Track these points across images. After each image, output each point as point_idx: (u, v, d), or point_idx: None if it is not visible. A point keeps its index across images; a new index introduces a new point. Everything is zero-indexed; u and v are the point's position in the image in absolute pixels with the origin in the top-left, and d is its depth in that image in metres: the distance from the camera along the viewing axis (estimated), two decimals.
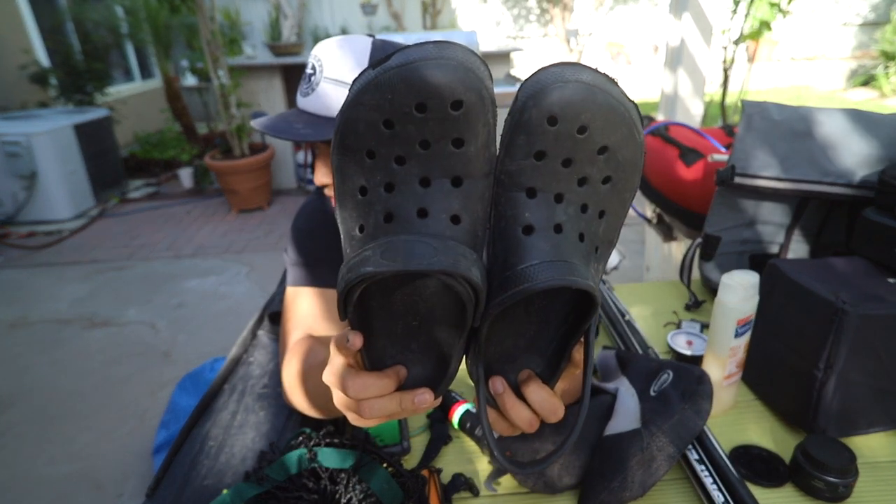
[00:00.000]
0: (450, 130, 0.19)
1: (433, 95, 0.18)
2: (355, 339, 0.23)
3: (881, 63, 4.27)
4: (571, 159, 0.20)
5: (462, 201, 0.20)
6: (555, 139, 0.20)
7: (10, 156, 2.35)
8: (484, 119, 0.20)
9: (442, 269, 0.19)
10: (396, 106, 0.19)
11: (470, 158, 0.20)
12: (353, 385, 0.24)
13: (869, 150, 0.58)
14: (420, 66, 0.18)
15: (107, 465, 1.16)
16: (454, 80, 0.18)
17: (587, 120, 0.20)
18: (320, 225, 0.57)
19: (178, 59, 3.30)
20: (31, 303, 1.87)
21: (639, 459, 0.38)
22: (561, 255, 0.21)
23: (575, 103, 0.19)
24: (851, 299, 0.42)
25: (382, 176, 0.20)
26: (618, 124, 0.20)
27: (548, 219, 0.21)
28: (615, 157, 0.21)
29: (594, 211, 0.22)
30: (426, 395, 0.24)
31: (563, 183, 0.21)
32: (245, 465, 0.45)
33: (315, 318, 0.51)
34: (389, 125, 0.19)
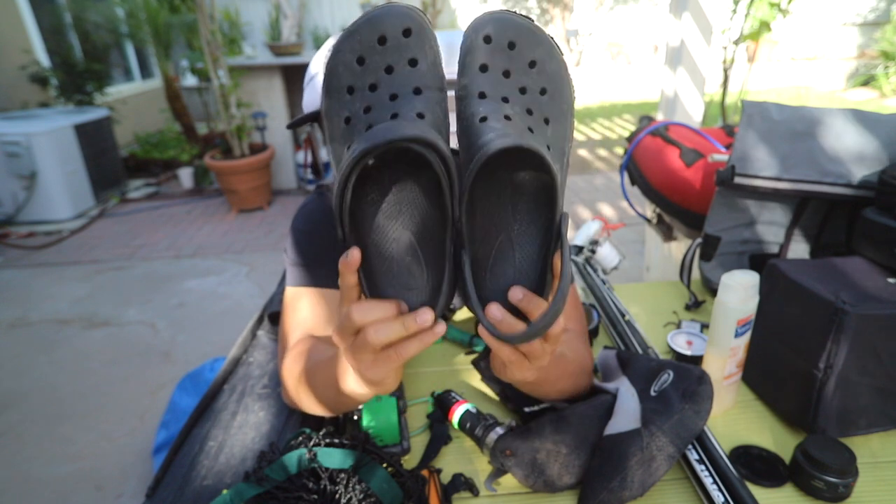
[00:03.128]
0: (405, 53, 0.25)
1: (389, 28, 0.25)
2: (353, 252, 0.26)
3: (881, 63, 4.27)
4: (509, 70, 0.26)
5: (424, 104, 0.26)
6: (491, 53, 0.26)
7: (10, 156, 2.35)
8: (429, 43, 0.26)
9: (413, 136, 0.23)
10: (364, 43, 0.25)
11: (424, 73, 0.26)
12: (358, 309, 0.26)
13: (869, 151, 0.58)
14: (377, 12, 0.25)
15: (106, 466, 1.16)
16: (401, 15, 0.25)
17: (513, 36, 0.26)
18: (320, 225, 0.57)
19: (178, 59, 3.30)
20: (31, 303, 1.87)
21: (639, 459, 0.38)
22: (514, 130, 0.25)
23: (502, 24, 0.26)
24: (851, 299, 0.42)
25: (361, 102, 0.26)
26: (538, 41, 0.26)
27: (498, 111, 0.26)
28: (544, 70, 0.27)
29: (539, 115, 0.27)
30: (427, 314, 0.26)
31: (507, 90, 0.27)
32: (245, 466, 0.45)
33: (315, 319, 0.51)
34: (361, 61, 0.25)
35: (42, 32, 3.06)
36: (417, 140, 0.23)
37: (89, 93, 2.99)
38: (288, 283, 0.54)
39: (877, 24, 4.72)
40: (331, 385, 0.37)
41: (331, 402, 0.42)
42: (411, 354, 0.28)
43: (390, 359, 0.27)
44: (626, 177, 0.95)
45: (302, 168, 2.84)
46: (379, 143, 0.22)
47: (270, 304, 0.72)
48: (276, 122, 2.71)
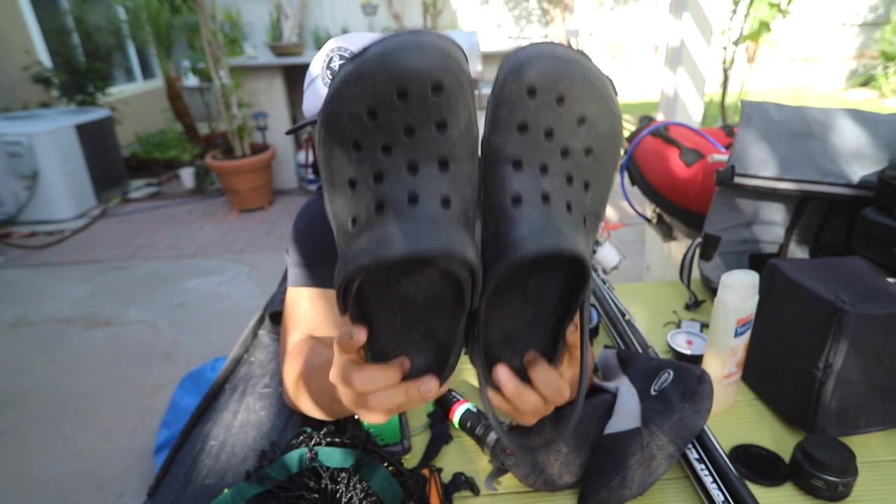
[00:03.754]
0: (432, 114, 0.19)
1: (413, 81, 0.18)
2: (359, 335, 0.23)
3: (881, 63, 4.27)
4: (553, 130, 0.21)
5: (450, 184, 0.21)
6: (535, 111, 0.21)
7: (11, 156, 2.35)
8: (464, 101, 0.20)
9: (438, 252, 0.19)
10: (379, 95, 0.19)
11: (454, 141, 0.20)
12: (359, 379, 0.24)
13: (868, 150, 0.58)
14: (398, 54, 0.18)
15: (108, 465, 1.16)
16: (432, 65, 0.19)
17: (564, 90, 0.20)
18: (322, 226, 0.57)
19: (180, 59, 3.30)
20: (32, 302, 1.87)
21: (639, 458, 0.39)
22: (550, 224, 0.21)
23: (552, 75, 0.20)
24: (851, 299, 0.42)
25: (370, 166, 0.20)
26: (594, 95, 0.21)
27: (535, 189, 0.22)
28: (594, 127, 0.22)
29: (579, 182, 0.23)
30: (431, 383, 0.24)
31: (547, 154, 0.22)
32: (246, 465, 0.45)
33: (316, 319, 0.52)
34: (373, 115, 0.19)
35: (44, 33, 3.06)
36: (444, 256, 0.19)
37: (91, 93, 2.99)
38: (290, 284, 0.54)
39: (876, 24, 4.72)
40: (326, 391, 0.37)
41: (326, 407, 0.42)
42: (411, 408, 0.28)
43: (389, 415, 0.26)
44: (626, 176, 0.95)
45: (303, 168, 2.84)
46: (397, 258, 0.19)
47: (271, 303, 0.72)
48: (278, 123, 2.71)
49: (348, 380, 0.24)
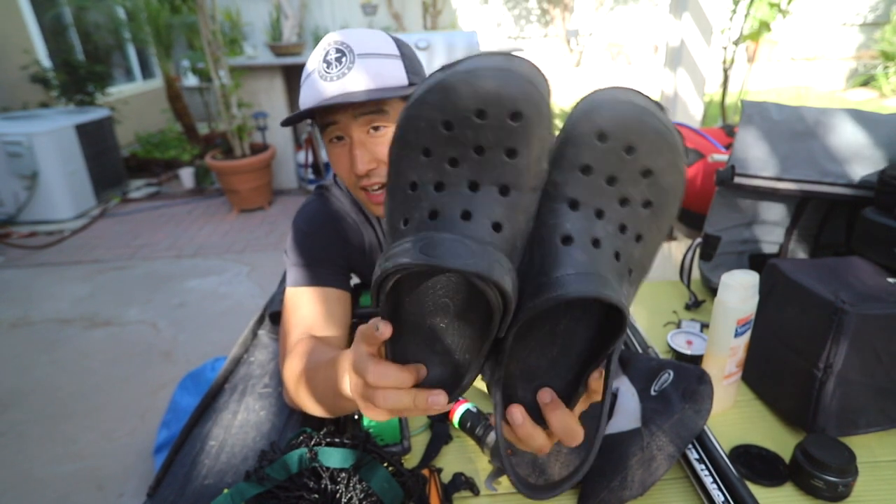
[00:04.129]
0: (505, 139, 0.20)
1: (494, 103, 0.19)
2: (385, 329, 0.23)
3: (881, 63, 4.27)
4: (616, 177, 0.21)
5: (506, 210, 0.21)
6: (602, 155, 0.21)
7: (11, 156, 2.35)
8: (539, 134, 0.20)
9: (476, 272, 0.19)
10: (458, 108, 0.19)
11: (520, 170, 0.20)
12: (374, 371, 0.24)
13: (868, 150, 0.58)
14: (486, 74, 0.19)
15: (108, 465, 1.16)
16: (516, 92, 0.19)
17: (635, 140, 0.20)
18: (320, 226, 0.57)
19: (179, 59, 3.30)
20: (32, 302, 1.87)
21: (639, 458, 0.39)
22: (596, 269, 0.21)
23: (625, 122, 0.20)
24: (851, 299, 0.42)
25: (434, 175, 0.21)
26: (664, 149, 0.21)
27: (587, 231, 0.21)
28: (658, 182, 0.21)
29: (632, 233, 0.22)
30: (440, 397, 0.24)
31: (606, 200, 0.21)
32: (246, 465, 0.45)
33: (316, 318, 0.51)
34: (448, 126, 0.20)
35: (43, 33, 3.06)
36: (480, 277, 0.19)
37: (90, 93, 2.99)
38: (289, 284, 0.54)
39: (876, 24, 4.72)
40: (329, 388, 0.37)
41: (329, 404, 0.42)
42: (413, 415, 0.28)
43: (391, 415, 0.27)
44: None
45: (303, 168, 2.84)
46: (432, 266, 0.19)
47: (271, 303, 0.72)
48: (277, 123, 2.69)
49: (363, 370, 0.25)
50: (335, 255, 0.56)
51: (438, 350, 0.25)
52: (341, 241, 0.57)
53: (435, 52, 2.12)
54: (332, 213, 0.58)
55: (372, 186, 0.50)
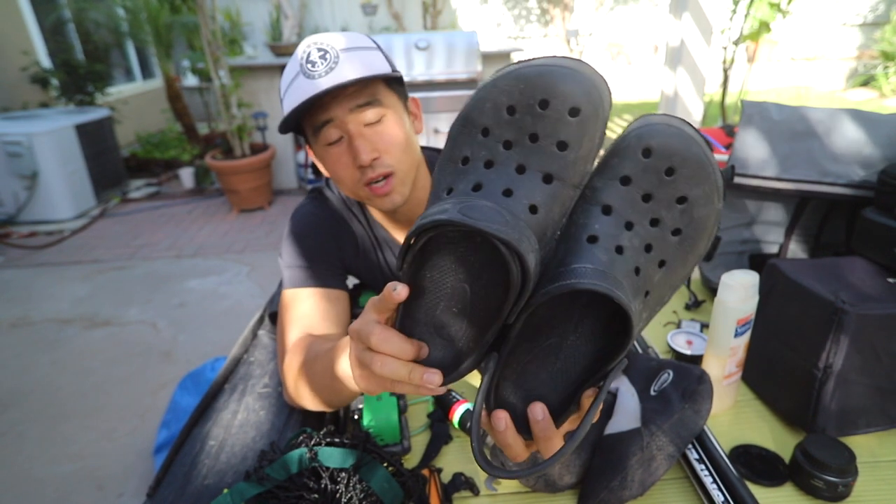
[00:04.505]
0: (560, 132, 0.21)
1: (558, 96, 0.21)
2: (402, 290, 0.24)
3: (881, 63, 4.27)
4: (652, 195, 0.22)
5: (545, 197, 0.22)
6: (643, 170, 0.22)
7: (11, 156, 2.35)
8: (591, 134, 0.22)
9: (505, 239, 0.20)
10: (525, 96, 0.21)
11: (567, 163, 0.22)
12: (379, 334, 0.25)
13: (868, 150, 0.58)
14: (556, 71, 0.21)
15: (108, 465, 1.16)
16: (580, 91, 0.21)
17: (677, 164, 0.21)
18: (315, 228, 0.57)
19: (179, 59, 3.30)
20: (32, 302, 1.87)
21: (639, 458, 0.39)
22: (614, 271, 0.22)
23: (671, 145, 0.21)
24: (851, 299, 0.42)
25: (487, 153, 0.23)
26: (702, 180, 0.22)
27: (613, 237, 0.22)
28: (691, 212, 0.22)
29: (657, 256, 0.23)
30: (435, 377, 0.25)
31: (638, 214, 0.22)
32: (246, 465, 0.45)
33: (314, 318, 0.52)
34: (511, 111, 0.22)
35: (43, 33, 3.06)
36: (506, 244, 0.20)
37: (90, 93, 2.99)
38: (284, 285, 0.55)
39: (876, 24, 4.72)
40: (328, 373, 0.38)
41: (326, 392, 0.42)
42: (403, 392, 0.28)
43: (383, 385, 0.27)
44: None
45: (302, 168, 2.84)
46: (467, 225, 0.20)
47: (271, 303, 0.72)
48: (277, 123, 2.70)
49: (368, 333, 0.25)
50: (330, 256, 0.56)
51: (444, 335, 0.25)
52: (336, 243, 0.57)
53: (435, 51, 2.12)
54: (326, 215, 0.58)
55: (376, 179, 0.49)
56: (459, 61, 2.11)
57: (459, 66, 2.11)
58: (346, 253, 0.58)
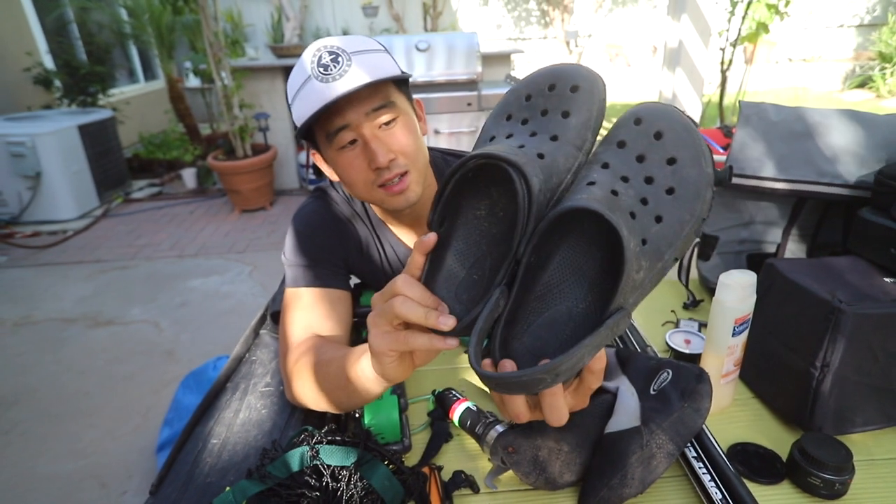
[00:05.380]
0: (563, 104, 0.27)
1: (562, 79, 0.28)
2: (431, 236, 0.28)
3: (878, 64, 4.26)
4: (644, 156, 0.26)
5: (551, 149, 0.27)
6: (635, 135, 0.26)
7: (15, 156, 2.37)
8: (589, 105, 0.27)
9: (512, 160, 0.24)
10: (538, 83, 0.28)
11: (569, 127, 0.27)
12: (405, 281, 0.28)
13: (865, 151, 0.58)
14: (563, 66, 0.28)
15: (111, 463, 1.17)
16: (578, 74, 0.27)
17: (664, 127, 0.25)
18: (318, 227, 0.57)
19: (181, 60, 3.32)
20: (35, 302, 1.88)
21: (639, 457, 0.39)
22: (608, 204, 0.24)
23: (658, 112, 0.26)
24: (848, 298, 0.43)
25: (510, 129, 0.29)
26: (688, 143, 0.25)
27: (609, 183, 0.25)
28: (681, 172, 0.25)
29: (652, 209, 0.25)
30: (449, 320, 0.27)
31: (632, 171, 0.26)
32: (248, 463, 0.46)
33: (316, 317, 0.52)
34: (528, 98, 0.29)
35: (46, 34, 3.08)
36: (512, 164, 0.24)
37: (93, 94, 3.01)
38: (287, 285, 0.55)
39: (873, 25, 4.72)
40: (342, 376, 0.39)
41: (337, 395, 0.42)
42: (416, 346, 0.29)
43: (398, 339, 0.29)
44: None
45: (304, 168, 2.85)
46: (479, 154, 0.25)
47: (273, 302, 0.72)
48: (279, 123, 2.72)
49: (394, 280, 0.29)
50: (334, 256, 0.57)
51: (462, 300, 0.29)
52: (339, 242, 0.58)
53: (435, 53, 2.13)
54: (329, 214, 0.59)
55: (392, 179, 0.49)
56: (459, 62, 2.12)
57: (459, 68, 2.12)
58: (350, 252, 0.59)
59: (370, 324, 0.30)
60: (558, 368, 0.23)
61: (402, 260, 0.61)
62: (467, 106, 2.10)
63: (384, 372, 0.32)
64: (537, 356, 0.27)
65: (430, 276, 0.29)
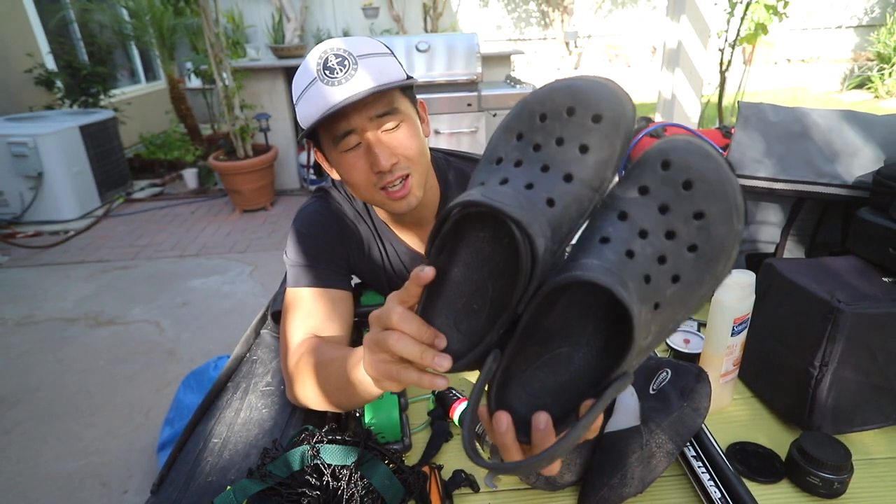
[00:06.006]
0: (582, 136, 0.23)
1: (583, 104, 0.23)
2: (429, 271, 0.26)
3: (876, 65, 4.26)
4: (668, 207, 0.22)
5: (563, 193, 0.24)
6: (661, 182, 0.22)
7: (16, 156, 2.37)
8: (612, 140, 0.23)
9: (517, 218, 0.22)
10: (556, 103, 0.24)
11: (587, 166, 0.24)
12: (401, 314, 0.27)
13: (864, 151, 0.58)
14: (584, 84, 0.23)
15: (112, 462, 1.17)
16: (603, 100, 0.23)
17: (695, 177, 0.22)
18: (320, 227, 0.58)
19: (183, 61, 3.33)
20: (37, 301, 1.88)
21: (638, 456, 0.39)
22: (621, 272, 0.22)
23: (689, 160, 0.22)
24: (846, 298, 0.43)
25: (518, 154, 0.25)
26: (720, 197, 0.22)
27: (625, 241, 0.23)
28: (708, 229, 0.22)
29: (670, 269, 0.22)
30: (445, 361, 0.26)
31: (653, 224, 0.23)
32: (248, 462, 0.46)
33: (317, 318, 0.52)
34: (543, 118, 0.24)
35: (47, 35, 3.09)
36: (517, 223, 0.22)
37: (94, 94, 3.01)
38: (289, 284, 0.55)
39: (871, 26, 4.71)
40: (342, 377, 0.39)
41: (337, 396, 0.43)
42: (407, 383, 0.29)
43: (391, 372, 0.29)
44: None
45: (305, 168, 2.85)
46: (483, 204, 0.22)
47: (274, 302, 0.73)
48: (280, 124, 2.73)
49: (389, 312, 0.28)
50: (335, 256, 0.57)
51: (462, 330, 0.27)
52: (341, 242, 0.58)
53: (435, 54, 2.13)
54: (331, 214, 0.59)
55: (393, 183, 0.49)
56: (460, 63, 2.12)
57: (460, 68, 2.13)
58: (351, 253, 0.59)
59: (367, 346, 0.30)
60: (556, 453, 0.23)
61: (403, 260, 0.62)
62: (467, 106, 2.10)
63: (380, 386, 0.32)
64: (535, 398, 0.26)
65: (427, 303, 0.27)
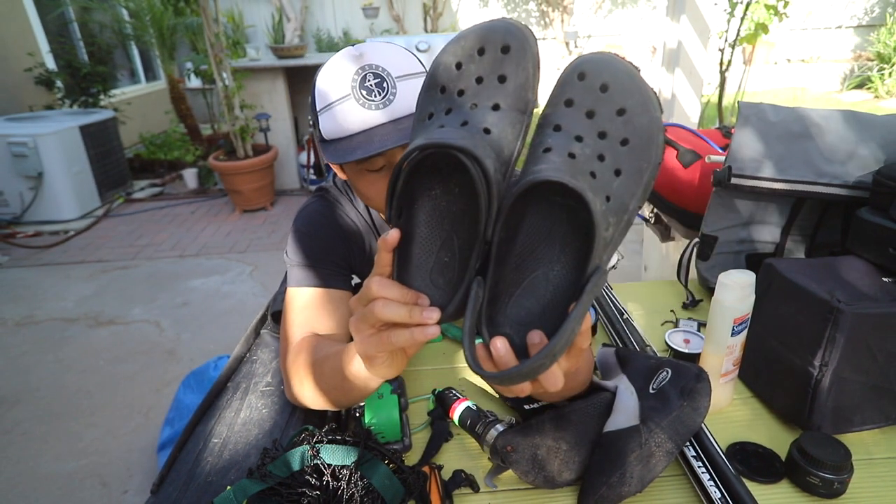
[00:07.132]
0: (497, 68, 0.26)
1: (490, 41, 0.26)
2: (393, 233, 0.27)
3: (876, 65, 4.26)
4: (594, 111, 0.25)
5: (496, 120, 0.26)
6: (582, 91, 0.25)
7: (16, 156, 2.37)
8: (524, 64, 0.26)
9: (461, 145, 0.23)
10: (466, 50, 0.26)
11: (509, 92, 0.26)
12: (379, 282, 0.27)
13: (864, 151, 0.58)
14: (488, 24, 0.26)
15: (112, 462, 1.17)
16: (506, 31, 0.26)
17: (609, 79, 0.24)
18: (321, 227, 0.58)
19: (183, 61, 3.33)
20: (37, 301, 1.88)
21: (637, 455, 0.39)
22: (568, 169, 0.24)
23: (600, 64, 0.25)
24: (846, 298, 0.43)
25: (446, 104, 0.27)
26: (634, 91, 0.24)
27: (565, 146, 0.25)
28: (632, 121, 0.25)
29: (610, 164, 0.25)
30: (434, 313, 0.26)
31: (585, 129, 0.25)
32: (248, 462, 0.46)
33: (317, 317, 0.52)
34: (458, 66, 0.27)
35: (47, 35, 3.09)
36: (464, 151, 0.23)
37: (94, 94, 3.01)
38: (289, 284, 0.55)
39: (871, 26, 4.71)
40: (338, 373, 0.38)
41: (334, 393, 0.42)
42: (401, 344, 0.28)
43: (382, 341, 0.28)
44: None
45: (305, 168, 2.85)
46: (428, 145, 0.24)
47: (274, 302, 0.73)
48: (280, 124, 2.73)
49: (367, 285, 0.28)
50: (336, 256, 0.57)
51: (438, 284, 0.28)
52: (342, 242, 0.58)
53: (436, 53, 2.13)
54: (332, 214, 0.59)
55: None
56: None
57: None
58: (352, 252, 0.59)
59: (353, 330, 0.30)
60: (554, 350, 0.23)
61: None
62: None
63: (378, 372, 0.32)
64: (524, 325, 0.27)
65: (401, 269, 0.28)
